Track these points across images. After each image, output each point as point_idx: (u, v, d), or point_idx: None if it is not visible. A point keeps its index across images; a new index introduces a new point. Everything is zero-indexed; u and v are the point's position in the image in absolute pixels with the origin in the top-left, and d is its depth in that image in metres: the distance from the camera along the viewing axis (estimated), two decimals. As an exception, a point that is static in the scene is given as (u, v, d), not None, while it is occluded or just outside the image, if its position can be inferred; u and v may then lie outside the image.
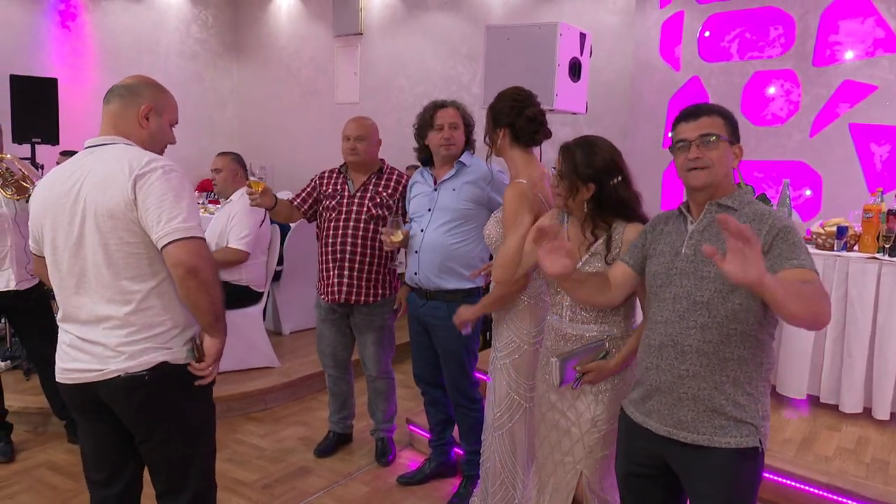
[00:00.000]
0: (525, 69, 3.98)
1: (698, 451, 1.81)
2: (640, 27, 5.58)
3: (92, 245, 1.92)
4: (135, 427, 2.04)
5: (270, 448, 3.84)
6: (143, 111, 2.04)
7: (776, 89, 4.99)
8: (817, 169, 4.79)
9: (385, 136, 3.61)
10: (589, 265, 2.16)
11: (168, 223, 1.86)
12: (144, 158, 1.92)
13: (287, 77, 8.35)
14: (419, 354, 3.27)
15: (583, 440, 2.20)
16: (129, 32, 7.79)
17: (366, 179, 3.44)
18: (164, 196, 1.88)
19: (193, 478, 2.10)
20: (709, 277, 1.79)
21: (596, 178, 2.15)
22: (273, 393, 4.43)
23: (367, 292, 3.41)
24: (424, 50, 7.17)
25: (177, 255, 1.86)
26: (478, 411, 3.16)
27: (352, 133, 3.41)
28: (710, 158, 1.85)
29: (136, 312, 1.94)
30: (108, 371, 1.95)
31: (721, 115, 1.89)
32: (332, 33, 7.81)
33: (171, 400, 2.02)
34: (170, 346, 1.98)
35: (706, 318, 1.79)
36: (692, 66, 5.29)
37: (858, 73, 4.60)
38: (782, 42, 4.94)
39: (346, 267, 3.37)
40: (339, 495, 3.33)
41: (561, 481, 2.25)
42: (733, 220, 1.44)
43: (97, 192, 1.90)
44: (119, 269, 1.92)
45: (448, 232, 2.99)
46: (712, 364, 1.79)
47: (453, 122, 3.04)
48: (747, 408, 1.80)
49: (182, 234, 1.87)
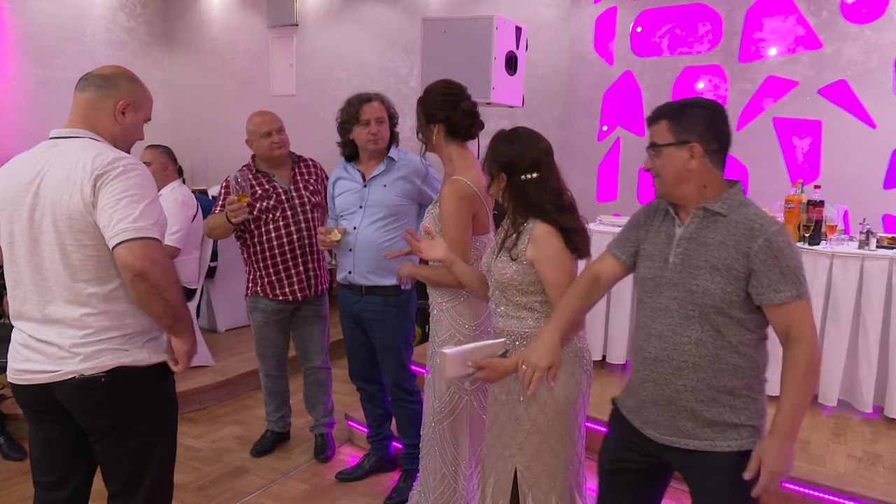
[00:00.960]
0: (462, 62, 3.99)
1: (700, 455, 1.82)
2: (576, 22, 5.66)
3: (49, 244, 1.84)
4: (90, 427, 1.97)
5: (206, 448, 3.75)
6: (122, 106, 1.96)
7: (705, 84, 5.14)
8: (743, 161, 4.96)
9: (322, 129, 3.58)
10: (501, 257, 2.17)
11: (118, 223, 1.78)
12: (108, 157, 1.84)
13: (221, 68, 8.15)
14: (354, 352, 3.24)
15: (515, 436, 2.21)
16: (50, 19, 7.45)
17: (291, 172, 3.39)
18: (122, 196, 1.80)
19: (148, 478, 2.04)
20: (698, 291, 1.75)
21: (506, 169, 2.15)
22: (208, 392, 4.34)
23: (321, 281, 3.46)
24: (362, 42, 7.10)
25: (124, 258, 1.79)
26: (416, 404, 3.16)
27: (274, 126, 3.33)
28: (657, 168, 1.82)
29: (94, 315, 1.87)
30: (63, 372, 1.87)
31: (666, 116, 1.81)
32: (267, 23, 7.65)
33: (129, 401, 1.95)
34: (127, 349, 1.91)
35: (699, 333, 1.76)
36: (625, 61, 5.39)
37: (781, 69, 4.77)
38: (710, 38, 5.08)
39: (309, 261, 3.38)
40: (277, 494, 3.29)
41: (501, 474, 2.26)
42: None
43: (55, 190, 1.82)
44: (76, 271, 1.85)
45: (381, 229, 2.97)
46: (708, 377, 1.78)
47: (379, 116, 3.01)
48: (745, 411, 1.80)
49: (131, 235, 1.78)
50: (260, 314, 3.47)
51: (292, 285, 3.36)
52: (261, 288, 3.40)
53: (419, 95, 2.65)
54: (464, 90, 2.59)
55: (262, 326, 3.50)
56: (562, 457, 2.19)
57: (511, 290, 2.17)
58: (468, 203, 2.45)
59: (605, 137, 5.56)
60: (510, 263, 2.14)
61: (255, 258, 3.38)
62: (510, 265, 2.15)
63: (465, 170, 2.50)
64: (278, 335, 3.53)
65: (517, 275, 2.14)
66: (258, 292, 3.41)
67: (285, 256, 3.34)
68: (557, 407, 2.15)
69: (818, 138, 4.69)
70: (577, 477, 2.24)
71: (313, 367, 3.60)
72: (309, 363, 3.60)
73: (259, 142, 3.33)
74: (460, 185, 2.46)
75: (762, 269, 1.69)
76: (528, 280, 2.14)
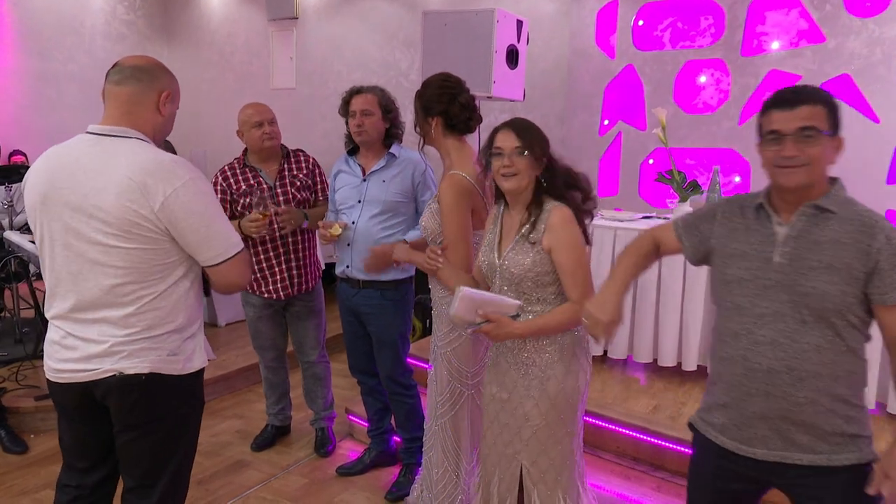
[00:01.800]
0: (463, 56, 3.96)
1: (817, 472, 1.67)
2: (577, 15, 5.63)
3: (92, 244, 1.82)
4: (123, 423, 1.96)
5: (206, 442, 3.74)
6: (164, 97, 1.95)
7: (707, 78, 5.12)
8: (746, 156, 4.94)
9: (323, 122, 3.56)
10: (515, 249, 2.13)
11: (215, 245, 1.91)
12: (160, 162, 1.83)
13: (220, 61, 8.12)
14: (353, 345, 3.24)
15: (519, 433, 2.20)
16: (49, 12, 7.42)
17: (279, 167, 3.34)
18: (205, 216, 1.88)
19: (166, 477, 2.03)
20: (814, 294, 1.61)
21: (547, 154, 2.15)
22: (208, 386, 4.26)
23: (308, 279, 3.41)
24: (362, 35, 7.07)
25: (225, 276, 1.96)
26: (413, 397, 3.16)
27: (265, 117, 3.28)
28: (809, 156, 1.59)
29: (136, 315, 1.86)
30: (102, 370, 1.86)
31: (824, 102, 1.62)
32: (267, 17, 7.62)
33: (164, 400, 1.96)
34: (167, 349, 1.92)
35: (819, 339, 1.62)
36: (627, 55, 5.37)
37: (784, 63, 4.75)
38: (712, 32, 5.06)
39: (292, 259, 3.33)
40: (277, 488, 3.28)
41: (505, 472, 2.25)
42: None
43: (108, 194, 1.78)
44: (123, 272, 1.83)
45: (379, 224, 2.96)
46: (827, 385, 1.63)
47: (365, 108, 2.98)
48: (859, 421, 1.68)
49: (232, 253, 1.94)
50: (252, 309, 3.47)
51: (276, 283, 3.33)
52: (249, 285, 3.37)
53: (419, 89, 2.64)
54: (462, 83, 2.57)
55: (255, 321, 3.49)
56: (567, 450, 2.19)
57: (526, 283, 2.12)
58: (466, 197, 2.43)
59: (606, 132, 5.54)
60: (528, 252, 2.10)
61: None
62: (528, 254, 2.10)
63: (463, 164, 2.48)
64: (273, 329, 3.52)
65: (535, 265, 2.09)
66: (247, 289, 3.39)
67: (268, 255, 3.30)
68: (566, 400, 2.16)
69: (820, 133, 4.67)
70: (580, 469, 2.24)
71: (310, 362, 3.60)
72: (305, 358, 3.60)
73: (250, 132, 3.28)
74: (458, 179, 2.44)
75: (886, 268, 1.57)
76: (545, 270, 2.10)
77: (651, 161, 5.31)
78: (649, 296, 3.83)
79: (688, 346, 3.76)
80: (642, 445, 3.25)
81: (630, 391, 3.70)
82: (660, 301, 3.82)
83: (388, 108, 3.05)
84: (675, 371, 3.85)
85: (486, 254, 2.24)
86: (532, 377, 2.17)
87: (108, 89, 1.92)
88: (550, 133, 2.25)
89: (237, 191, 3.29)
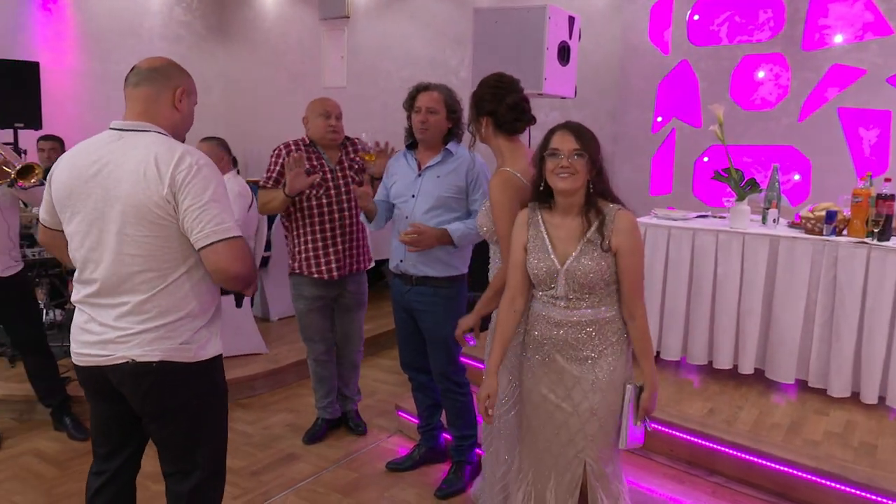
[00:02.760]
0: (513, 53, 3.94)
1: None
2: (629, 11, 5.54)
3: (113, 233, 1.90)
4: (141, 410, 2.04)
5: (258, 435, 3.82)
6: (179, 94, 2.02)
7: (765, 73, 4.98)
8: (806, 153, 4.79)
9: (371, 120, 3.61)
10: (585, 255, 2.13)
11: (206, 226, 1.88)
12: (176, 152, 1.90)
13: (273, 60, 8.25)
14: (405, 341, 3.25)
15: (584, 429, 2.19)
16: (111, 15, 7.65)
17: (339, 154, 3.50)
18: (204, 197, 1.88)
19: (200, 463, 2.10)
20: None
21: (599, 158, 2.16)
22: (261, 379, 4.41)
23: (356, 261, 3.56)
24: (412, 33, 7.09)
25: (213, 261, 1.90)
26: (465, 395, 3.16)
27: (333, 111, 3.44)
28: None
29: (149, 301, 1.93)
30: (116, 356, 1.94)
31: None
32: (319, 16, 7.71)
33: (178, 388, 2.01)
34: (180, 338, 1.97)
35: None
36: (681, 50, 5.26)
37: (847, 57, 4.59)
38: (771, 26, 4.92)
39: (346, 240, 3.47)
40: (328, 481, 3.32)
41: (564, 473, 2.23)
42: None
43: (125, 183, 1.87)
44: (138, 260, 1.91)
45: (433, 219, 2.95)
46: None
47: (430, 106, 2.99)
48: None
49: (221, 237, 1.89)
50: (303, 301, 3.55)
51: (329, 263, 3.44)
52: (298, 265, 3.49)
53: (469, 86, 2.64)
54: (515, 83, 2.56)
55: (305, 314, 3.59)
56: (614, 440, 2.25)
57: (598, 286, 2.15)
58: (515, 192, 2.43)
59: (659, 129, 5.44)
60: (600, 258, 2.12)
61: (296, 233, 3.47)
62: (600, 260, 2.12)
63: (515, 162, 2.49)
64: (323, 321, 3.61)
65: (609, 268, 2.13)
66: (297, 270, 3.50)
67: (325, 234, 3.43)
68: (615, 391, 2.21)
69: (887, 129, 4.49)
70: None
71: (352, 351, 3.76)
72: (351, 348, 3.75)
73: (316, 121, 3.43)
74: (507, 175, 2.45)
75: None
76: (612, 270, 2.15)
77: (706, 159, 5.20)
78: (705, 296, 3.75)
79: (744, 349, 3.66)
80: (696, 449, 3.18)
81: (683, 393, 3.63)
82: (715, 301, 3.73)
83: (453, 108, 3.06)
84: (730, 374, 3.76)
85: (541, 259, 2.20)
86: (599, 370, 2.18)
87: (127, 92, 2.02)
88: (602, 130, 2.24)
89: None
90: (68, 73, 7.24)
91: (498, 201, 2.44)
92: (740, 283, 3.65)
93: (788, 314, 3.55)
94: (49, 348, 3.74)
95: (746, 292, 3.63)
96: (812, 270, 3.49)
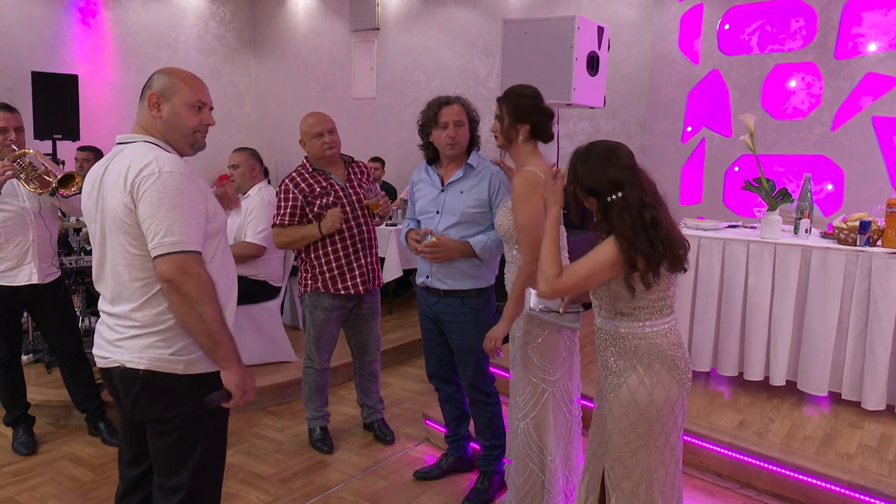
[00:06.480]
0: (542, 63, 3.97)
1: None
2: (659, 20, 5.53)
3: (110, 243, 1.99)
4: (134, 416, 2.08)
5: (288, 442, 3.86)
6: (154, 100, 2.03)
7: (797, 82, 4.93)
8: (839, 163, 4.73)
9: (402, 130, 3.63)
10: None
11: (155, 237, 1.85)
12: (145, 160, 1.89)
13: (304, 72, 8.38)
14: (432, 352, 3.26)
15: (601, 435, 2.20)
16: (147, 28, 7.84)
17: (346, 171, 3.55)
18: (157, 207, 1.85)
19: (186, 479, 2.03)
20: None
21: (591, 193, 2.10)
22: (291, 387, 4.45)
23: (377, 275, 3.67)
24: (441, 44, 7.15)
25: (160, 270, 1.86)
26: (495, 405, 3.16)
27: (326, 127, 3.46)
28: None
29: (139, 310, 1.96)
30: (112, 360, 2.01)
31: None
32: (349, 28, 7.82)
33: (164, 399, 1.99)
34: (170, 349, 1.96)
35: None
36: (712, 60, 5.23)
37: (882, 66, 4.53)
38: (803, 34, 4.87)
39: (370, 254, 3.56)
40: (357, 489, 3.35)
41: (593, 471, 2.27)
42: None
43: (108, 194, 1.96)
44: (128, 268, 1.96)
45: (458, 235, 2.96)
46: None
47: (458, 119, 2.95)
48: None
49: (167, 250, 1.84)
50: (322, 312, 3.56)
51: (354, 279, 3.48)
52: (322, 284, 3.49)
53: (499, 96, 2.69)
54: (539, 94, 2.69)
55: (323, 324, 3.58)
56: (644, 463, 2.13)
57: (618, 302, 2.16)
58: (537, 187, 2.48)
59: (689, 139, 5.41)
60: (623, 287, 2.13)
61: (314, 254, 3.48)
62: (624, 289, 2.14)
63: (536, 164, 2.58)
64: (337, 331, 3.67)
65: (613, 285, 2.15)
66: (319, 289, 3.50)
67: (347, 251, 3.47)
68: (639, 411, 2.11)
69: (922, 138, 4.42)
70: (663, 487, 2.17)
71: (370, 361, 3.79)
72: (368, 357, 3.78)
73: (311, 142, 3.46)
74: (531, 174, 2.53)
75: None
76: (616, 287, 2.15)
77: (736, 168, 5.15)
78: (735, 306, 3.71)
79: (776, 360, 3.61)
80: (726, 461, 3.15)
81: (714, 405, 3.59)
82: (746, 312, 3.69)
83: (473, 118, 3.05)
84: (762, 385, 3.71)
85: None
86: (610, 381, 2.18)
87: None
88: (631, 140, 2.26)
89: (311, 193, 3.43)
90: (106, 85, 7.43)
91: (520, 194, 2.51)
92: (771, 293, 3.60)
93: (821, 325, 3.50)
94: (85, 355, 3.81)
95: (778, 303, 3.59)
96: (845, 281, 3.44)
